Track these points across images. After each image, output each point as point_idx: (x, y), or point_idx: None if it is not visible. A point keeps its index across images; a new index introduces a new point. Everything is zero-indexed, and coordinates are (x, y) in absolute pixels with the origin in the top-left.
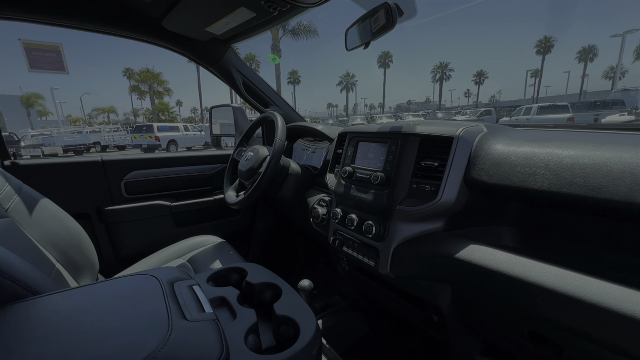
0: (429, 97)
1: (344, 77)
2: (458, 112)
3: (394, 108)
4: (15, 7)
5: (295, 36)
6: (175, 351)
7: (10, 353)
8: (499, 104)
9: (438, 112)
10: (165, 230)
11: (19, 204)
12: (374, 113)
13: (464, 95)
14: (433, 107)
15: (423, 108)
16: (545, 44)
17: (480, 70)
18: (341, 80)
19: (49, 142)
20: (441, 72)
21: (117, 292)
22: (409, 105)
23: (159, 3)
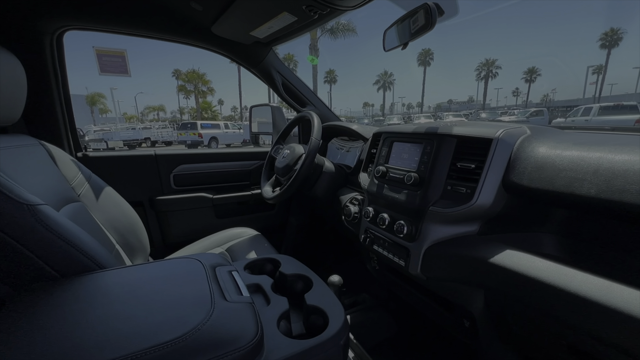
0: (472, 96)
1: (382, 76)
2: (504, 113)
3: (433, 108)
4: (89, 19)
5: (333, 35)
6: (217, 326)
7: (85, 314)
8: (553, 103)
9: (482, 112)
10: (207, 221)
11: (88, 191)
12: (412, 113)
13: (512, 94)
14: (476, 107)
15: (465, 108)
16: (612, 37)
17: (532, 67)
18: (378, 79)
19: (108, 137)
20: (487, 69)
21: (168, 271)
22: (450, 104)
23: (210, 11)
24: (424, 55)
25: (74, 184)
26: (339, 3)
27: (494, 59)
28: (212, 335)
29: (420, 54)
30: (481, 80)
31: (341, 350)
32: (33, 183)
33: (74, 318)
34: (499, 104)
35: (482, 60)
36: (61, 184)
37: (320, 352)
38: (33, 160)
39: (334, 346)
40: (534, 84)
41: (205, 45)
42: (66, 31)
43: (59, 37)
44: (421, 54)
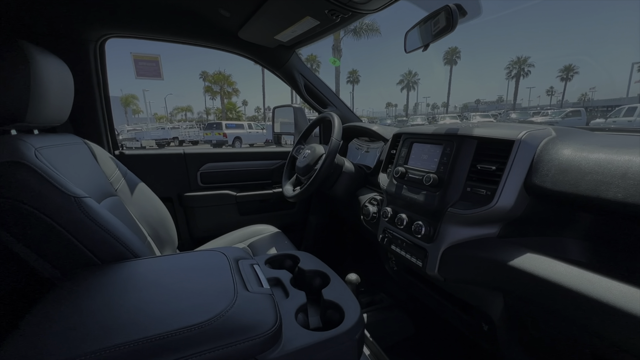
0: (501, 96)
1: (406, 76)
2: (537, 113)
3: (459, 108)
4: (128, 27)
5: (356, 35)
6: (239, 314)
7: (122, 297)
8: (592, 103)
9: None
10: (230, 217)
11: (124, 186)
12: (437, 113)
13: (546, 93)
14: (506, 107)
15: (494, 108)
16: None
17: (568, 64)
18: (402, 78)
19: (140, 136)
20: (518, 67)
21: (195, 262)
22: (478, 104)
23: (237, 17)
24: (450, 54)
25: (112, 179)
26: (360, 7)
27: (526, 57)
28: (235, 322)
29: (447, 53)
30: (512, 79)
31: (356, 344)
32: (78, 177)
33: (113, 300)
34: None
35: (513, 58)
36: (101, 179)
37: (335, 345)
38: (78, 157)
39: (349, 340)
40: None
41: (232, 49)
42: (108, 39)
43: (101, 45)
44: (447, 53)
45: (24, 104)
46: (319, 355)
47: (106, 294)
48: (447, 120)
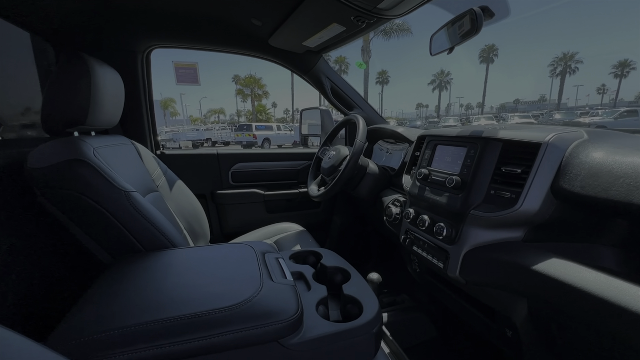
0: (543, 95)
1: (438, 75)
2: (585, 113)
3: (496, 108)
4: (171, 39)
5: (386, 36)
6: (264, 300)
7: (162, 280)
8: None
9: (555, 112)
10: (258, 215)
11: (164, 183)
12: (471, 114)
13: (597, 92)
14: (549, 107)
15: (535, 108)
16: None
17: (624, 59)
18: (434, 78)
19: (176, 137)
20: (564, 64)
21: (225, 253)
22: (517, 104)
23: (268, 26)
24: (487, 52)
25: (154, 176)
26: (385, 13)
27: (574, 52)
28: (260, 307)
29: (483, 51)
30: (556, 77)
31: (373, 338)
32: (127, 174)
33: (155, 283)
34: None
35: (559, 55)
36: (145, 176)
37: (353, 336)
38: (126, 156)
39: (366, 333)
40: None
41: (262, 55)
42: (153, 49)
43: (147, 55)
44: (483, 51)
45: (85, 109)
46: (337, 345)
47: (150, 277)
48: (482, 121)
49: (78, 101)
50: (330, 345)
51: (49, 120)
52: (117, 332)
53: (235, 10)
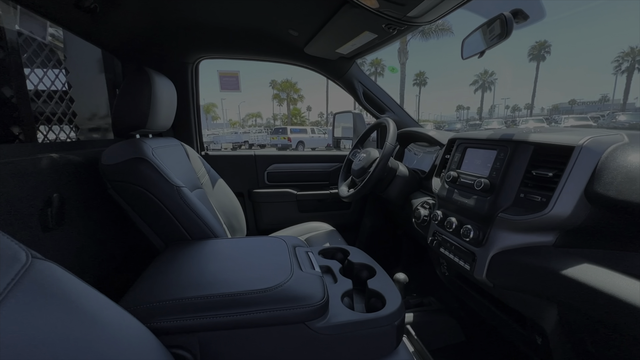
0: (605, 95)
1: (481, 76)
2: None
3: (548, 110)
4: (218, 51)
5: (425, 36)
6: (293, 286)
7: (206, 264)
8: None
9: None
10: (291, 213)
11: (207, 181)
12: (519, 116)
13: None
14: (612, 107)
15: (595, 109)
16: None
17: None
18: (476, 79)
19: (217, 140)
20: (632, 59)
21: (260, 244)
22: (572, 105)
23: (304, 36)
24: (538, 49)
25: (199, 174)
26: (415, 20)
27: None
28: (290, 292)
29: (533, 48)
30: (621, 74)
31: (395, 330)
32: (177, 171)
33: (200, 266)
34: None
35: (625, 49)
36: (192, 174)
37: (375, 327)
38: (177, 156)
39: (388, 324)
40: None
41: (298, 62)
42: (201, 60)
43: (196, 65)
44: (534, 48)
45: (146, 115)
46: (359, 332)
47: (196, 261)
48: (531, 124)
49: (141, 108)
50: (353, 332)
51: (118, 124)
52: (169, 303)
53: (274, 22)
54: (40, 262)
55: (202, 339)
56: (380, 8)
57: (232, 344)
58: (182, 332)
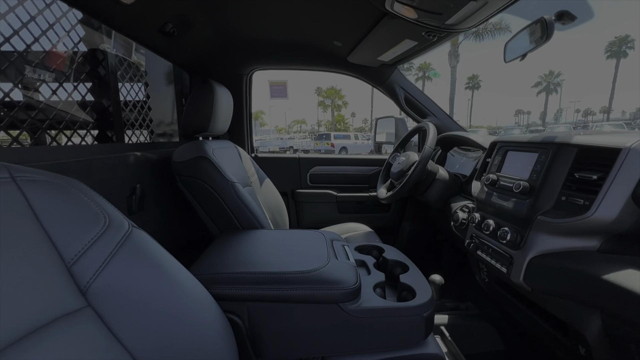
0: None
1: (545, 77)
2: None
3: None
4: (270, 62)
5: (478, 37)
6: (329, 272)
7: (255, 249)
8: None
9: None
10: (330, 214)
11: (256, 180)
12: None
13: None
14: None
15: None
16: None
17: None
18: (540, 80)
19: (264, 145)
20: None
21: (301, 236)
22: None
23: (347, 46)
24: (617, 44)
25: (249, 174)
26: (455, 27)
27: None
28: (326, 276)
29: (611, 44)
30: None
31: (424, 321)
32: (231, 170)
33: (248, 249)
34: None
35: None
36: (243, 173)
37: (404, 315)
38: (231, 156)
39: (417, 315)
40: None
41: (342, 71)
42: (254, 72)
43: (250, 76)
44: (612, 44)
45: (208, 120)
46: (389, 319)
47: (245, 245)
48: (607, 129)
49: (204, 114)
50: (383, 318)
51: (185, 128)
52: (225, 275)
53: (320, 35)
54: (138, 231)
55: (249, 307)
56: (419, 18)
57: (273, 315)
58: (234, 299)
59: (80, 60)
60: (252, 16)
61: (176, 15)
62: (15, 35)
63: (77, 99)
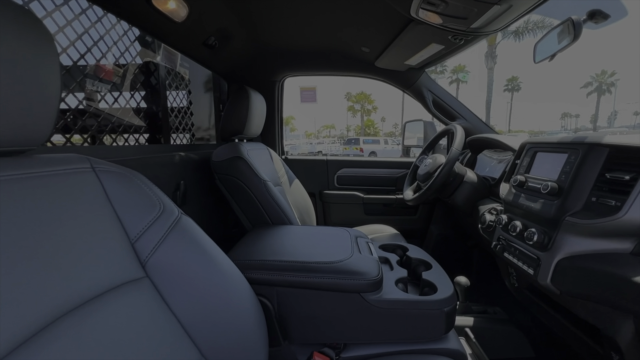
0: None
1: (597, 77)
2: None
3: None
4: (301, 69)
5: (518, 36)
6: (352, 263)
7: (283, 240)
8: None
9: None
10: (357, 215)
11: (286, 180)
12: None
13: None
14: None
15: None
16: None
17: None
18: (591, 80)
19: (293, 150)
20: None
21: (328, 232)
22: None
23: (374, 51)
24: None
25: (279, 174)
26: (482, 30)
27: None
28: (349, 267)
29: None
30: None
31: (444, 316)
32: (263, 169)
33: (278, 241)
34: None
35: None
36: (274, 173)
37: (424, 308)
38: (264, 157)
39: (437, 309)
40: None
41: (370, 75)
42: (286, 78)
43: (282, 83)
44: None
45: (244, 124)
46: (408, 311)
47: (275, 238)
48: None
49: (241, 118)
50: (403, 310)
51: (223, 131)
52: (257, 262)
53: (348, 42)
54: (185, 217)
55: (278, 292)
56: (444, 23)
57: (300, 300)
58: (265, 284)
59: (136, 72)
60: (286, 27)
61: (218, 29)
62: (88, 52)
63: (133, 106)
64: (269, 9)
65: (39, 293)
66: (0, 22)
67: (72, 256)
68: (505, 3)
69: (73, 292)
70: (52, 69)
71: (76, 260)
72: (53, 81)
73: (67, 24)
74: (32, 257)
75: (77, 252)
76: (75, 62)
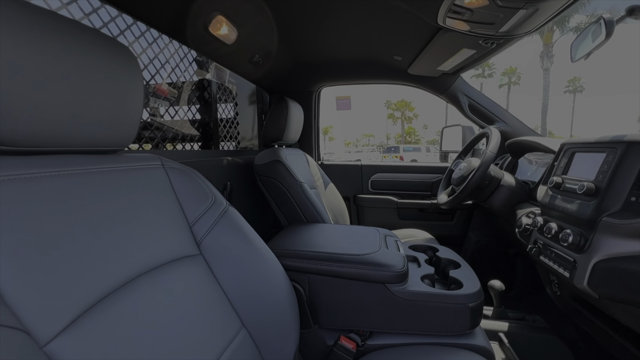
0: None
1: None
2: None
3: None
4: (336, 79)
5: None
6: (379, 256)
7: (317, 235)
8: None
9: None
10: (391, 219)
11: (321, 184)
12: None
13: None
14: None
15: None
16: None
17: None
18: None
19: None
20: None
21: (358, 230)
22: None
23: (407, 59)
24: None
25: (315, 178)
26: (512, 33)
27: None
28: (375, 259)
29: None
30: None
31: (469, 312)
32: (300, 172)
33: (311, 235)
34: None
35: None
36: (310, 177)
37: (449, 303)
38: (300, 162)
39: (462, 304)
40: None
41: (403, 82)
42: (322, 88)
43: (318, 93)
44: None
45: (283, 131)
46: (433, 304)
47: (309, 233)
48: None
49: (280, 126)
50: (427, 303)
51: (265, 137)
52: (292, 251)
53: (381, 51)
54: (231, 208)
55: (310, 279)
56: (471, 29)
57: (329, 287)
58: (298, 270)
59: (192, 88)
60: (322, 41)
61: (261, 48)
62: (157, 73)
63: (190, 118)
64: (308, 28)
65: (123, 256)
66: (101, 51)
67: (146, 230)
68: (532, 7)
69: (146, 257)
70: (137, 88)
71: (149, 234)
72: (138, 97)
73: (143, 52)
74: (119, 228)
75: (150, 228)
76: (147, 82)
